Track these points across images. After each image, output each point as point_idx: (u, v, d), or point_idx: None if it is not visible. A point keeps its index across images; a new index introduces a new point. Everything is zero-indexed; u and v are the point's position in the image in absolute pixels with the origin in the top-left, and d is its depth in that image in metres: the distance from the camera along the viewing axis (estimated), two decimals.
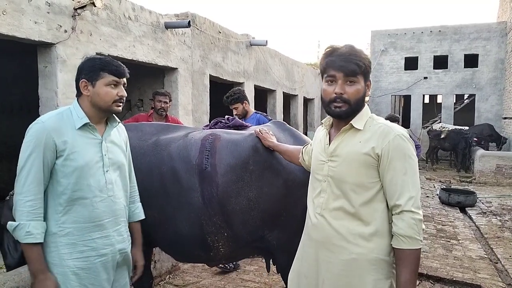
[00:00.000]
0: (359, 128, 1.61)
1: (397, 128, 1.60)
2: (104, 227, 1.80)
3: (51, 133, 1.70)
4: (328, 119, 1.78)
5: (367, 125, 1.62)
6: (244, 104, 4.16)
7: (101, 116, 1.86)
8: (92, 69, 1.79)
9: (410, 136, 1.64)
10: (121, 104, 1.85)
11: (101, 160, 1.81)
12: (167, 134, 2.54)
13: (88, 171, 1.75)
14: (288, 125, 2.63)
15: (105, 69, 1.79)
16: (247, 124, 2.78)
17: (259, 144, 2.27)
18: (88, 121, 1.78)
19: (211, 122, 2.79)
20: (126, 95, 1.87)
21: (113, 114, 1.92)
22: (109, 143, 1.87)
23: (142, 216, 2.12)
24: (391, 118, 6.22)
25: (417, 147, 7.16)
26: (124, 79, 1.86)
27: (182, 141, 2.39)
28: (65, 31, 4.41)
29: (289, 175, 2.25)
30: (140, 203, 2.15)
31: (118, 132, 1.99)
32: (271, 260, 2.56)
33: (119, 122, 1.97)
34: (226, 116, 2.81)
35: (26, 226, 1.63)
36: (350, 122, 1.62)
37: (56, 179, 1.72)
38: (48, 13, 4.24)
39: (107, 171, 1.82)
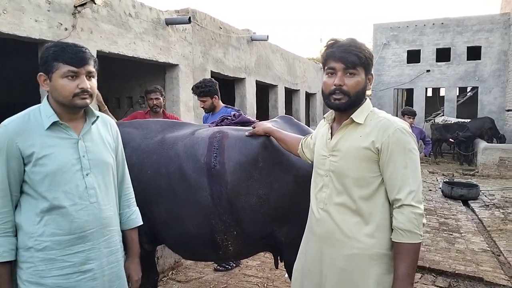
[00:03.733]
0: (360, 122, 1.61)
1: (398, 122, 1.60)
2: (87, 238, 1.58)
3: (14, 137, 1.50)
4: (331, 114, 1.78)
5: (368, 119, 1.62)
6: (213, 99, 3.84)
7: (71, 112, 1.61)
8: (46, 60, 1.54)
9: (424, 135, 1.64)
10: (86, 97, 1.57)
11: (79, 162, 1.59)
12: (172, 131, 2.51)
13: (62, 176, 1.54)
14: (295, 120, 2.61)
15: (59, 58, 1.52)
16: (254, 120, 2.75)
17: (268, 141, 2.24)
18: (57, 119, 1.56)
19: (218, 119, 2.78)
20: (88, 86, 1.56)
21: (90, 108, 1.67)
22: (89, 142, 1.64)
23: (139, 222, 1.89)
24: (410, 113, 6.08)
25: (427, 143, 7.07)
26: (88, 67, 1.57)
27: (189, 139, 2.35)
28: (66, 29, 4.41)
29: (299, 171, 2.23)
30: (137, 208, 1.91)
31: (101, 128, 1.74)
32: (278, 256, 2.54)
33: (97, 117, 1.71)
34: (232, 113, 2.79)
35: None
36: (351, 116, 1.63)
37: (30, 188, 1.54)
38: (49, 11, 4.23)
39: (87, 175, 1.60)
